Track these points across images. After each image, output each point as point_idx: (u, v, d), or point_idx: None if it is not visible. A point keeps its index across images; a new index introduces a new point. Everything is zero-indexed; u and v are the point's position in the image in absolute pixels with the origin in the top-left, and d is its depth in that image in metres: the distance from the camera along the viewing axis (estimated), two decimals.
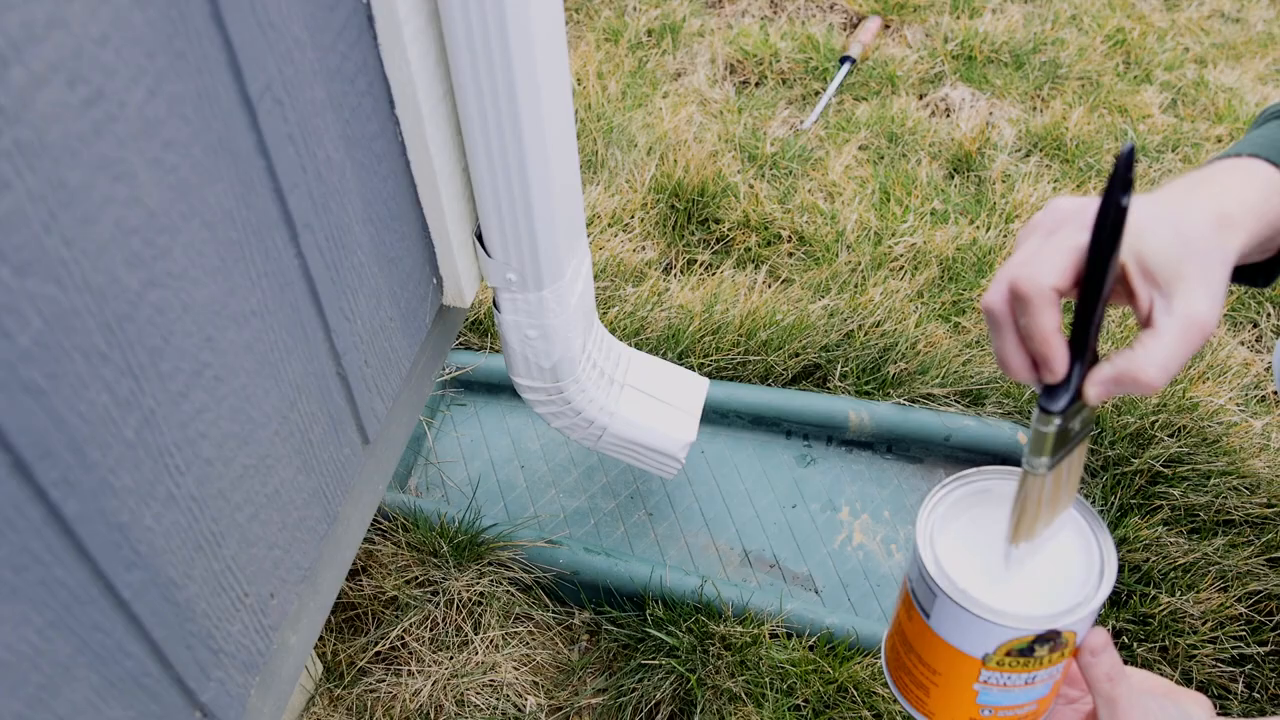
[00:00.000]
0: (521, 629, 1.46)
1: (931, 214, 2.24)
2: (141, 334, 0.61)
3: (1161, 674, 0.90)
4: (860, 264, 2.07)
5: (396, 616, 1.44)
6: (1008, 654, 0.72)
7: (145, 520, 0.66)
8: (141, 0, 0.56)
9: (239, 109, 0.67)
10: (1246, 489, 1.61)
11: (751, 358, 1.81)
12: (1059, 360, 0.66)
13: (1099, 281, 0.63)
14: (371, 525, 1.51)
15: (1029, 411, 1.70)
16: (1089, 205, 0.65)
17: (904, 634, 0.80)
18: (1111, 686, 0.75)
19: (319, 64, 0.76)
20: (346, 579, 1.47)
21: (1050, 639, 0.71)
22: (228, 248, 0.69)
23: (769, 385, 1.80)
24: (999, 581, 0.73)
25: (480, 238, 1.08)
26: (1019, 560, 0.74)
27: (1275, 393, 1.82)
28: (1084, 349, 0.66)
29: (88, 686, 0.65)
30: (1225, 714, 0.91)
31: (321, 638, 1.43)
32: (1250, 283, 0.83)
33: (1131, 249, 0.66)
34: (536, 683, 1.41)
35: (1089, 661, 0.75)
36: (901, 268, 2.07)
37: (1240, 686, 1.39)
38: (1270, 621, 1.44)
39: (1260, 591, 1.46)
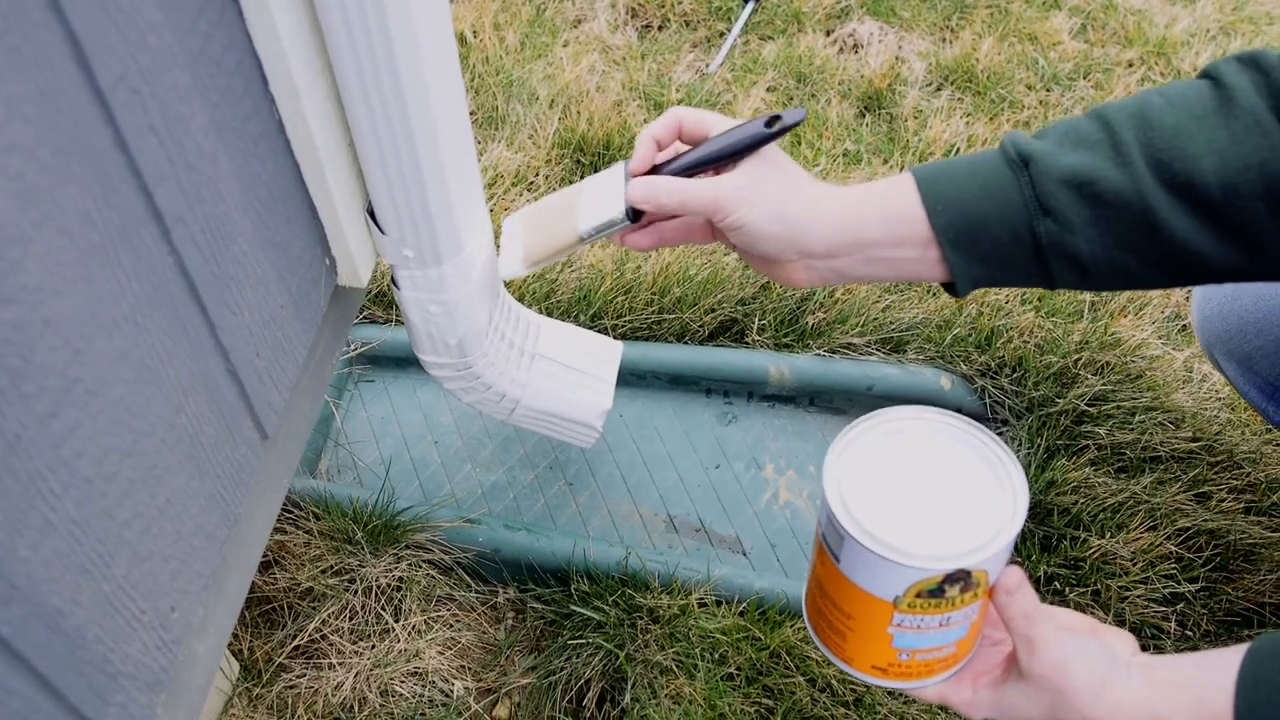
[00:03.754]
0: (444, 611, 1.42)
1: (844, 155, 2.22)
2: None
3: (1095, 617, 0.90)
4: None
5: (313, 608, 1.39)
6: (918, 595, 0.72)
7: (20, 551, 0.61)
8: None
9: (90, 104, 0.61)
10: (1171, 424, 1.61)
11: (666, 316, 1.77)
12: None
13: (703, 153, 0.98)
14: (281, 515, 1.46)
15: (950, 356, 1.70)
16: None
17: (819, 580, 0.80)
18: (1029, 625, 0.75)
19: (179, 47, 0.70)
20: (259, 572, 1.42)
21: (960, 579, 0.71)
22: (90, 253, 0.64)
23: (686, 343, 1.76)
24: (907, 522, 0.72)
25: (373, 214, 1.03)
26: None
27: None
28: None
29: None
30: (1158, 655, 0.91)
31: (237, 635, 1.38)
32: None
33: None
34: (463, 666, 1.38)
35: (1004, 601, 0.75)
36: None
37: (1173, 625, 1.40)
38: (1200, 558, 1.45)
39: (1189, 528, 1.47)
